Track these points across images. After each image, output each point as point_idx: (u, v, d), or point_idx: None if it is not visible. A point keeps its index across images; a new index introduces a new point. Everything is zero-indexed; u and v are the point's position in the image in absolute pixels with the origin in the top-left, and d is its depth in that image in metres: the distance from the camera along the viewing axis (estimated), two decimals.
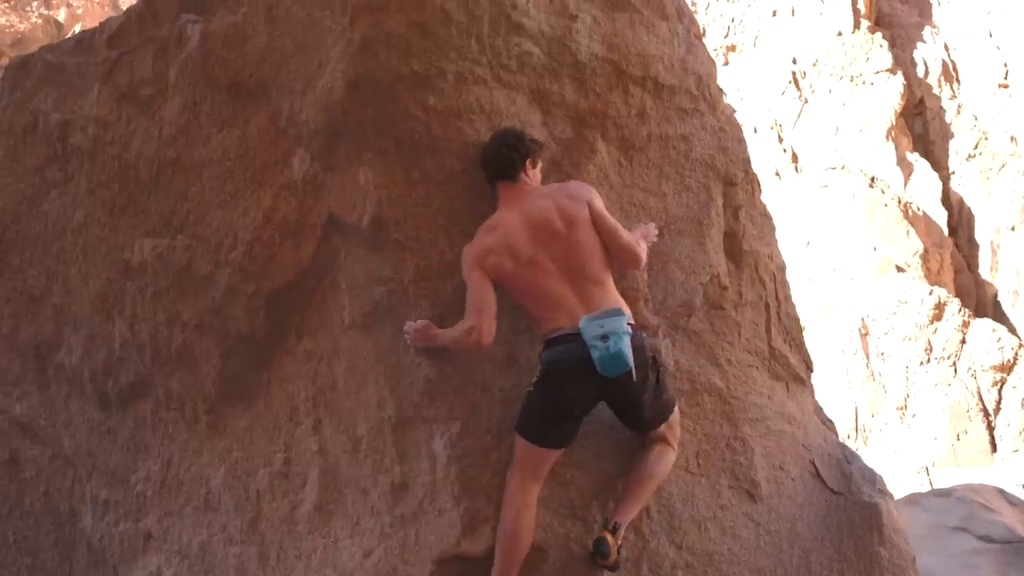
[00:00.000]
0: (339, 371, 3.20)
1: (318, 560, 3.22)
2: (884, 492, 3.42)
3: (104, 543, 3.90)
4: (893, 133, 24.81)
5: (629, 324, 2.72)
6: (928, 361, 19.91)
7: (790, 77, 27.34)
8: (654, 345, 3.04)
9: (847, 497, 3.41)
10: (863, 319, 20.97)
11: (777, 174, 26.09)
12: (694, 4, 28.86)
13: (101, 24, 3.77)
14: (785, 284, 3.61)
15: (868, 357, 20.62)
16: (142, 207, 3.60)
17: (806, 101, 26.98)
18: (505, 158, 2.86)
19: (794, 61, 27.46)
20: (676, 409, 3.00)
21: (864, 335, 20.86)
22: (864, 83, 25.89)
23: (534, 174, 2.93)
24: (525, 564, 2.81)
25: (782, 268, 3.63)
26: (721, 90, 3.42)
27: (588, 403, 2.83)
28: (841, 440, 3.74)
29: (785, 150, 26.75)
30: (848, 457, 3.53)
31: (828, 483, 3.43)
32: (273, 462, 3.37)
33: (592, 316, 2.72)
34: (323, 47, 3.01)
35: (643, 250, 2.95)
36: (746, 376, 3.36)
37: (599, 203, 2.88)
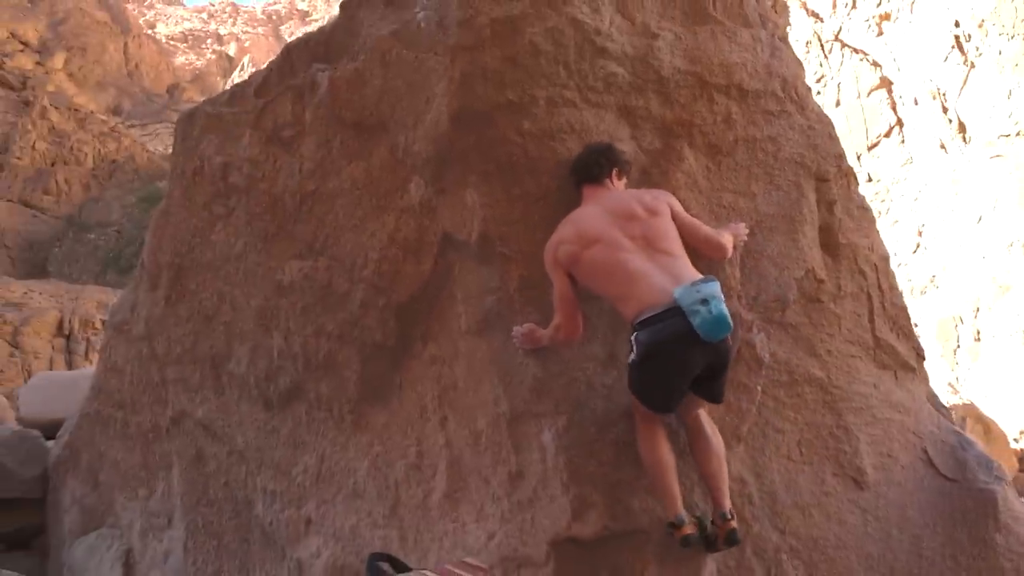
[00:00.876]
0: (459, 372, 3.56)
1: (449, 542, 3.58)
2: (1002, 479, 3.38)
3: (273, 527, 4.47)
4: None
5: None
6: None
7: (953, 42, 25.50)
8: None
9: (961, 484, 3.40)
10: None
11: (942, 146, 24.47)
12: None
13: (249, 77, 4.35)
14: (889, 274, 3.63)
15: None
16: (289, 234, 4.13)
17: (972, 66, 25.09)
18: (593, 162, 3.09)
19: (957, 24, 25.59)
20: None
21: None
22: None
23: (619, 184, 3.14)
24: (628, 547, 3.05)
25: (885, 258, 3.65)
26: (808, 89, 3.51)
27: (693, 372, 2.86)
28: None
29: (951, 120, 25.00)
30: (963, 444, 3.51)
31: (941, 470, 3.44)
32: (408, 455, 3.78)
33: (686, 285, 2.76)
34: (429, 85, 3.39)
35: (728, 240, 3.10)
36: (848, 366, 3.44)
37: (679, 206, 3.07)
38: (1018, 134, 22.67)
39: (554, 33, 3.22)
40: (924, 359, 3.69)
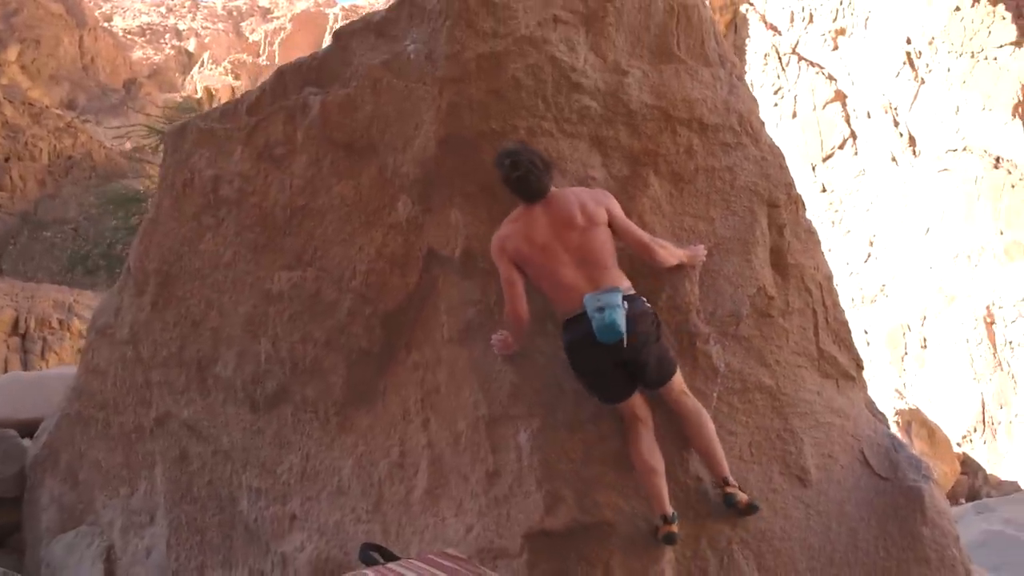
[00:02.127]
0: (441, 378, 3.84)
1: (430, 536, 3.86)
2: (929, 477, 3.75)
3: (258, 523, 4.69)
4: (1020, 110, 23.63)
5: (626, 298, 3.17)
6: None
7: (904, 58, 26.40)
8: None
9: (893, 482, 3.76)
10: (988, 307, 20.20)
11: (893, 159, 25.32)
12: None
13: (242, 96, 4.58)
14: (832, 291, 3.99)
15: (995, 347, 19.85)
16: (279, 246, 4.37)
17: (923, 82, 25.99)
18: (537, 184, 3.33)
19: (908, 41, 26.49)
20: (678, 373, 3.41)
21: (990, 324, 20.07)
22: (987, 59, 24.71)
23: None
24: (594, 538, 3.35)
25: (829, 277, 4.02)
26: (763, 123, 3.86)
27: (608, 366, 3.28)
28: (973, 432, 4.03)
29: (901, 134, 25.87)
30: (896, 446, 3.88)
31: (876, 469, 3.79)
32: (391, 454, 4.04)
33: (593, 293, 3.18)
34: (418, 112, 3.67)
35: (659, 245, 3.44)
36: (795, 375, 3.79)
37: (618, 208, 3.40)
38: (965, 149, 23.57)
39: (534, 69, 3.53)
40: (863, 369, 4.06)
